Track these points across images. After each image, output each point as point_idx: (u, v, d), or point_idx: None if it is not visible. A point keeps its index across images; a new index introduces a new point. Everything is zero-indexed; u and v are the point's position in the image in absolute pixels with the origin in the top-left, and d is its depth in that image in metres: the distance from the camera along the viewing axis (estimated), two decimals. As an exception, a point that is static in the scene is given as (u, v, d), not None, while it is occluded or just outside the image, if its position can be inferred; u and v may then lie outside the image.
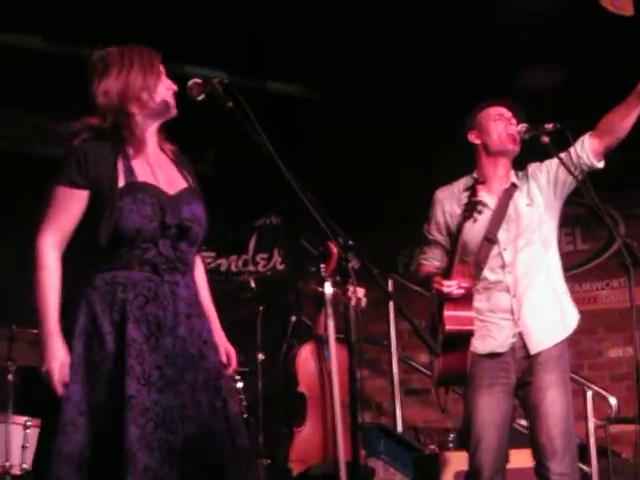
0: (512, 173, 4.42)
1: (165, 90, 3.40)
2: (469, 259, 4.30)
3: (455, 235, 4.28)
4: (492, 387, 4.21)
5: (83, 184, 3.24)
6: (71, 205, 3.24)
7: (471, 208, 4.19)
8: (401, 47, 6.44)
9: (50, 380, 3.10)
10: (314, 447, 5.06)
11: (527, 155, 4.38)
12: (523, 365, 4.24)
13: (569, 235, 7.68)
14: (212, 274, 7.34)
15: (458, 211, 4.39)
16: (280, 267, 7.75)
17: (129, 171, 3.29)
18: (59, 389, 3.10)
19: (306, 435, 5.04)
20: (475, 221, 4.30)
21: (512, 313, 4.25)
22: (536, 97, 6.07)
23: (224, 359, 3.49)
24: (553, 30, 6.15)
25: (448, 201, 4.45)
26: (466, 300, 4.23)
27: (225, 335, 3.61)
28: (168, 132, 4.09)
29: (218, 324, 3.57)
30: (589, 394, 6.24)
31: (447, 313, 4.20)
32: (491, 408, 4.20)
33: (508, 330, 4.24)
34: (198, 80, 3.35)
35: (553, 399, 4.23)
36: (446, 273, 4.25)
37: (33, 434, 4.99)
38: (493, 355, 4.24)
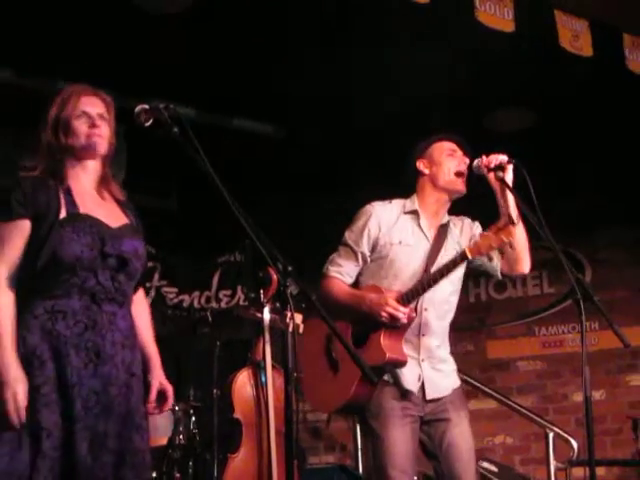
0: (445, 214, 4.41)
1: (85, 130, 3.44)
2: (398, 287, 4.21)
3: (451, 265, 4.10)
4: (404, 419, 4.17)
5: (24, 214, 3.32)
6: (14, 236, 3.32)
7: (493, 247, 4.06)
8: (368, 88, 6.45)
9: (12, 407, 3.13)
10: (248, 474, 4.97)
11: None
12: (427, 406, 4.23)
13: (536, 278, 7.70)
14: (174, 310, 7.32)
15: (394, 232, 4.30)
16: (243, 304, 7.72)
17: (71, 204, 3.37)
18: (21, 414, 3.14)
19: (240, 462, 4.96)
20: (413, 248, 4.27)
21: (418, 352, 4.23)
22: (504, 139, 6.08)
23: (153, 396, 3.51)
24: (521, 73, 6.18)
25: (386, 219, 4.31)
26: (401, 331, 4.15)
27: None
28: (131, 166, 4.10)
29: (158, 361, 3.61)
30: (550, 436, 6.22)
31: (384, 342, 4.08)
32: (407, 439, 4.15)
33: (412, 369, 4.20)
34: (145, 106, 3.37)
35: (467, 434, 4.25)
36: (406, 300, 4.12)
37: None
38: (400, 389, 4.19)
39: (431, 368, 4.24)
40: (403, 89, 6.38)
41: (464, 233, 4.40)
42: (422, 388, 4.21)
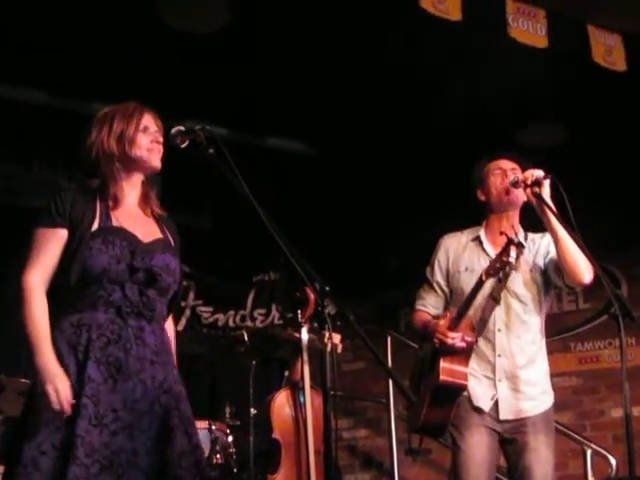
0: (520, 230, 4.42)
1: (148, 143, 3.49)
2: (470, 313, 4.26)
3: (475, 287, 4.22)
4: (480, 427, 4.22)
5: (61, 223, 3.34)
6: (51, 244, 3.33)
7: (498, 268, 4.12)
8: (401, 105, 6.45)
9: (54, 400, 3.12)
10: (287, 495, 4.97)
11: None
12: (504, 424, 4.25)
13: (571, 294, 7.62)
14: (209, 329, 7.33)
15: (462, 260, 4.43)
16: (278, 323, 7.72)
17: (105, 216, 3.39)
18: (65, 407, 3.12)
19: (280, 482, 4.97)
20: (478, 273, 4.29)
21: (494, 373, 4.26)
22: (538, 154, 6.07)
23: None
24: (554, 89, 6.17)
25: (454, 248, 4.48)
26: (464, 355, 4.22)
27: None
28: (165, 184, 4.13)
29: None
30: (588, 453, 6.17)
31: (443, 364, 4.18)
32: (482, 447, 4.20)
33: (485, 389, 4.26)
34: (181, 128, 3.41)
35: (544, 459, 4.21)
36: (454, 324, 4.22)
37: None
38: (472, 405, 4.26)
39: (510, 389, 4.27)
40: (434, 107, 6.39)
41: (540, 251, 4.41)
42: (497, 408, 4.24)
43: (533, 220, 4.42)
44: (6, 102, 6.40)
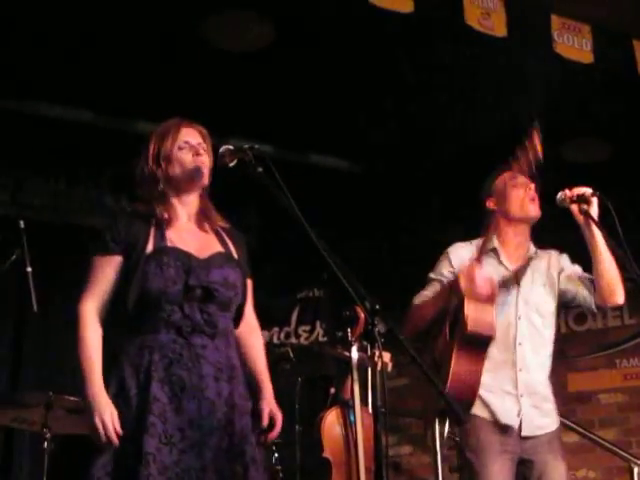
0: (531, 244, 4.40)
1: (190, 159, 3.50)
2: None
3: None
4: (503, 454, 4.14)
5: (116, 250, 3.38)
6: (107, 271, 3.38)
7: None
8: (442, 120, 6.45)
9: (102, 432, 3.15)
10: (337, 515, 4.93)
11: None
12: (524, 443, 4.19)
13: (616, 310, 7.55)
14: (253, 345, 7.33)
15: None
16: (322, 340, 7.71)
17: (160, 237, 3.40)
18: (113, 440, 3.15)
19: (329, 502, 4.93)
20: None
21: (516, 388, 4.21)
22: (581, 171, 6.04)
23: (265, 422, 3.51)
24: (599, 104, 6.14)
25: (467, 257, 4.31)
26: (488, 301, 4.11)
27: None
28: (212, 202, 4.15)
29: (269, 389, 3.63)
30: (635, 470, 6.12)
31: (469, 313, 4.07)
32: (504, 475, 4.12)
33: (510, 405, 4.19)
34: (230, 147, 3.40)
35: (564, 474, 4.20)
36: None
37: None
38: (497, 424, 4.18)
39: (531, 405, 4.22)
40: (476, 123, 6.37)
41: (552, 266, 4.37)
42: (519, 424, 4.19)
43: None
44: (51, 120, 6.46)
